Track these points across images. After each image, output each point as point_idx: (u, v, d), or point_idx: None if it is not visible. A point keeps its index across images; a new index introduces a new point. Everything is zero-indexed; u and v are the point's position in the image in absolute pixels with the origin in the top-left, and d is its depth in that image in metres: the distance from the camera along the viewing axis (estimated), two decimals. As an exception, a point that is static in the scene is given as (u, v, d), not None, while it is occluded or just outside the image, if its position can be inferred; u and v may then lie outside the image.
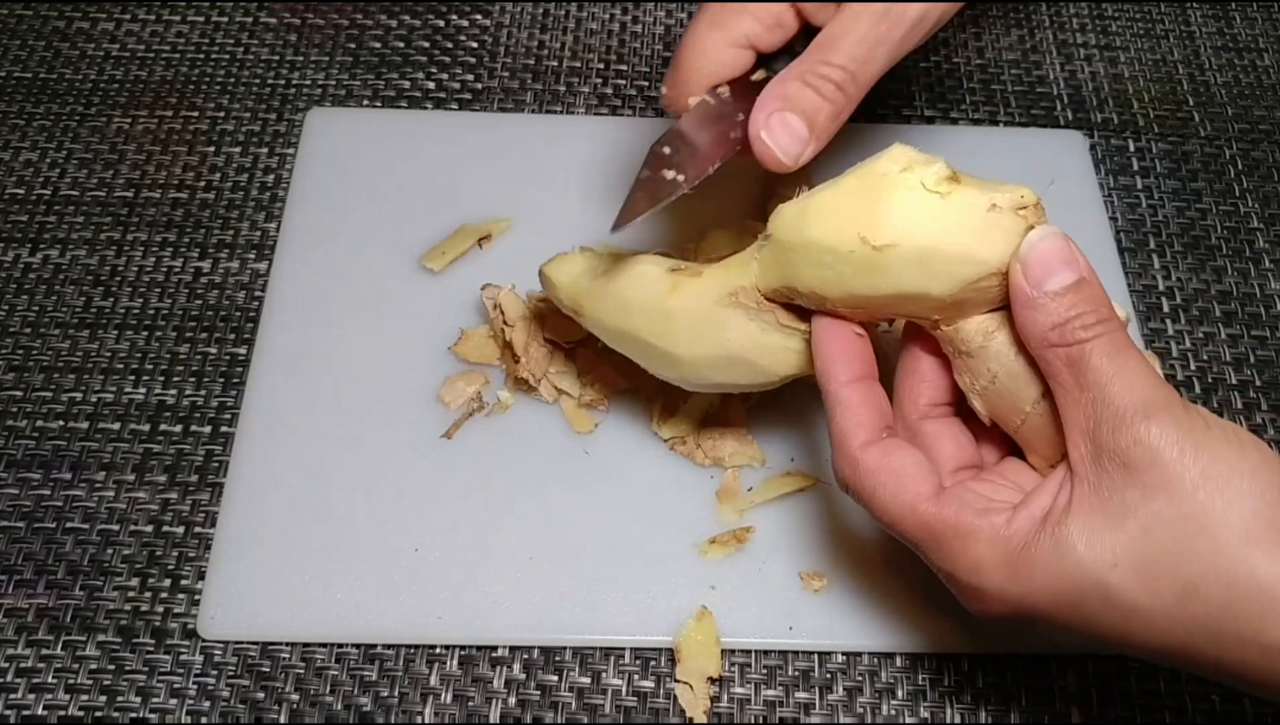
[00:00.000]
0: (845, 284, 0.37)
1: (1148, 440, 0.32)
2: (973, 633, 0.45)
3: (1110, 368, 0.33)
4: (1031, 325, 0.35)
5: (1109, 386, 0.33)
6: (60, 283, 0.54)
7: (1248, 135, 0.62)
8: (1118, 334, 0.34)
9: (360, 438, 0.49)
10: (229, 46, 0.63)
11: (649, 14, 0.66)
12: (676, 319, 0.41)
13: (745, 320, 0.41)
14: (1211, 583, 0.31)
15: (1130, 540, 0.32)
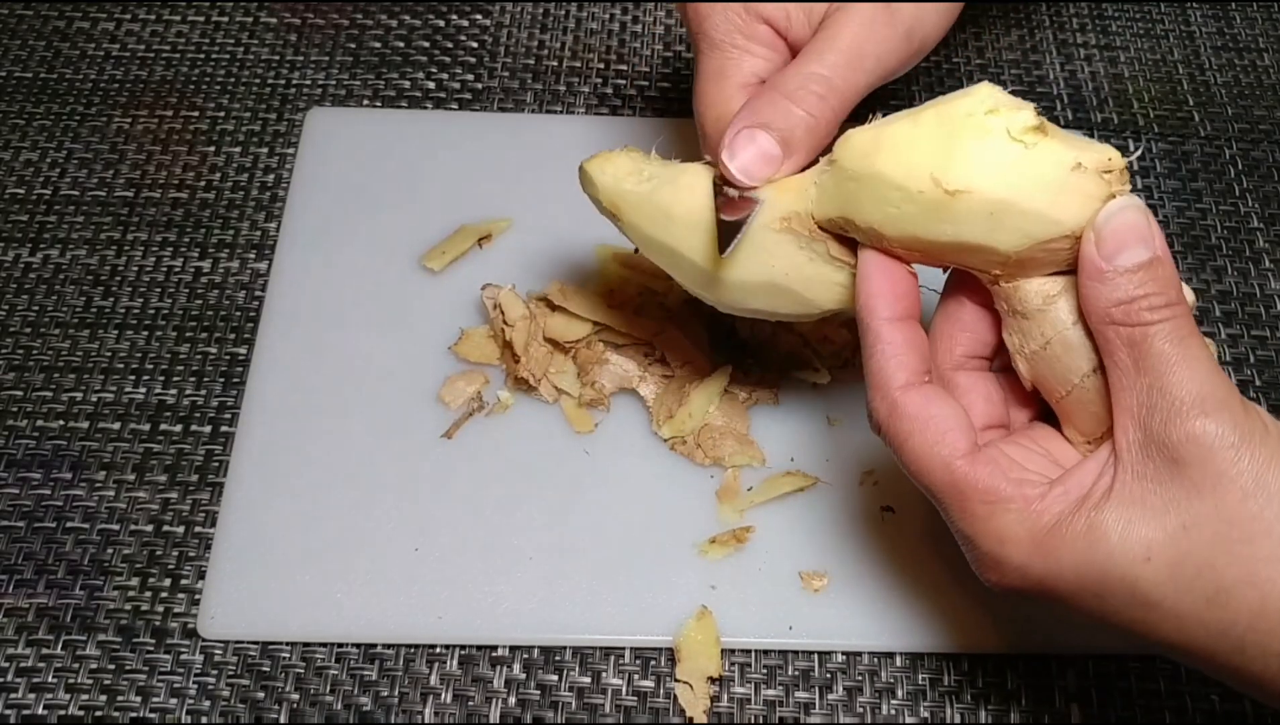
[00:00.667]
0: (908, 225, 0.36)
1: (1202, 437, 0.31)
2: (973, 632, 0.45)
3: (1172, 355, 0.32)
4: (1096, 298, 0.33)
5: (1169, 374, 0.32)
6: (60, 282, 0.54)
7: (1248, 135, 0.62)
8: (1184, 320, 0.33)
9: (360, 437, 0.49)
10: (229, 46, 0.63)
11: (649, 14, 0.66)
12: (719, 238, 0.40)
13: (795, 248, 0.39)
14: (1246, 591, 0.31)
15: (1167, 537, 0.31)
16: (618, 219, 0.42)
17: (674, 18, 0.66)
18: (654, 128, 0.60)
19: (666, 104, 0.62)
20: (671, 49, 0.64)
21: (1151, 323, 0.33)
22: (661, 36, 0.65)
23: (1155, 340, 0.32)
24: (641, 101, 0.62)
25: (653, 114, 0.61)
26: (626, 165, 0.42)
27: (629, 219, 0.42)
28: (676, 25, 0.66)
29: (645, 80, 0.63)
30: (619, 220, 0.42)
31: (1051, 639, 0.45)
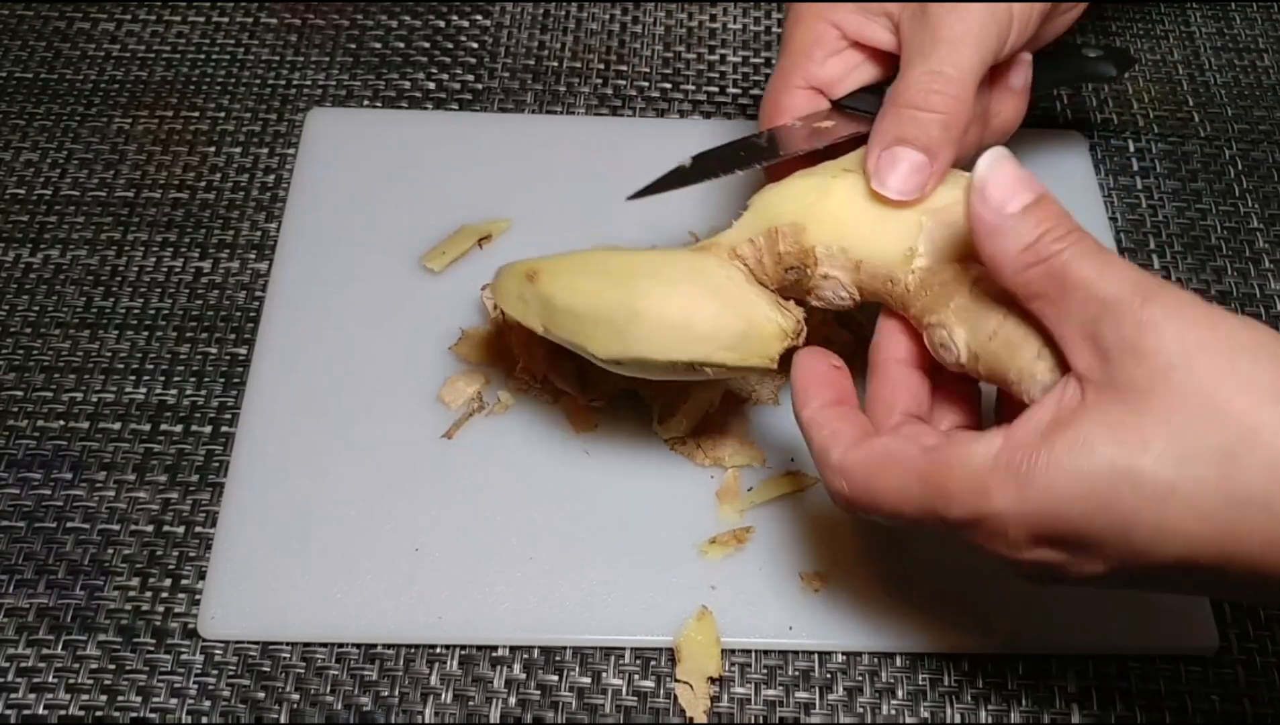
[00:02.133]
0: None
1: (1154, 320, 0.31)
2: (974, 633, 0.45)
3: (1092, 266, 0.32)
4: (1002, 252, 0.33)
5: (1099, 283, 0.32)
6: (61, 283, 0.54)
7: (1248, 136, 0.62)
8: (1088, 239, 0.33)
9: (360, 438, 0.49)
10: (229, 47, 0.63)
11: (649, 14, 0.66)
12: (644, 265, 0.42)
13: (719, 267, 0.42)
14: (1252, 447, 0.30)
15: (1157, 418, 0.30)
16: (536, 276, 0.43)
17: (674, 18, 0.66)
18: (654, 128, 0.60)
19: (667, 104, 0.62)
20: (671, 49, 0.64)
21: (1063, 250, 0.33)
22: (661, 37, 0.65)
23: (1072, 263, 0.32)
24: (642, 102, 0.62)
25: (653, 114, 0.61)
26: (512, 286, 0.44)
27: (545, 270, 0.43)
28: (676, 26, 0.66)
29: (645, 80, 0.63)
30: (537, 278, 0.43)
31: (1051, 639, 0.45)
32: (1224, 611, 0.47)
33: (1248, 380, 0.30)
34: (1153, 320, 0.31)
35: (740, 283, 0.41)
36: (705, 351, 0.40)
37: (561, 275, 0.42)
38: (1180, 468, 0.30)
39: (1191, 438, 0.30)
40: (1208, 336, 0.31)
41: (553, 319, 0.42)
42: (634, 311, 0.40)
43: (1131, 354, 0.31)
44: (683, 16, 0.66)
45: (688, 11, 0.66)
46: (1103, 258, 0.33)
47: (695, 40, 0.65)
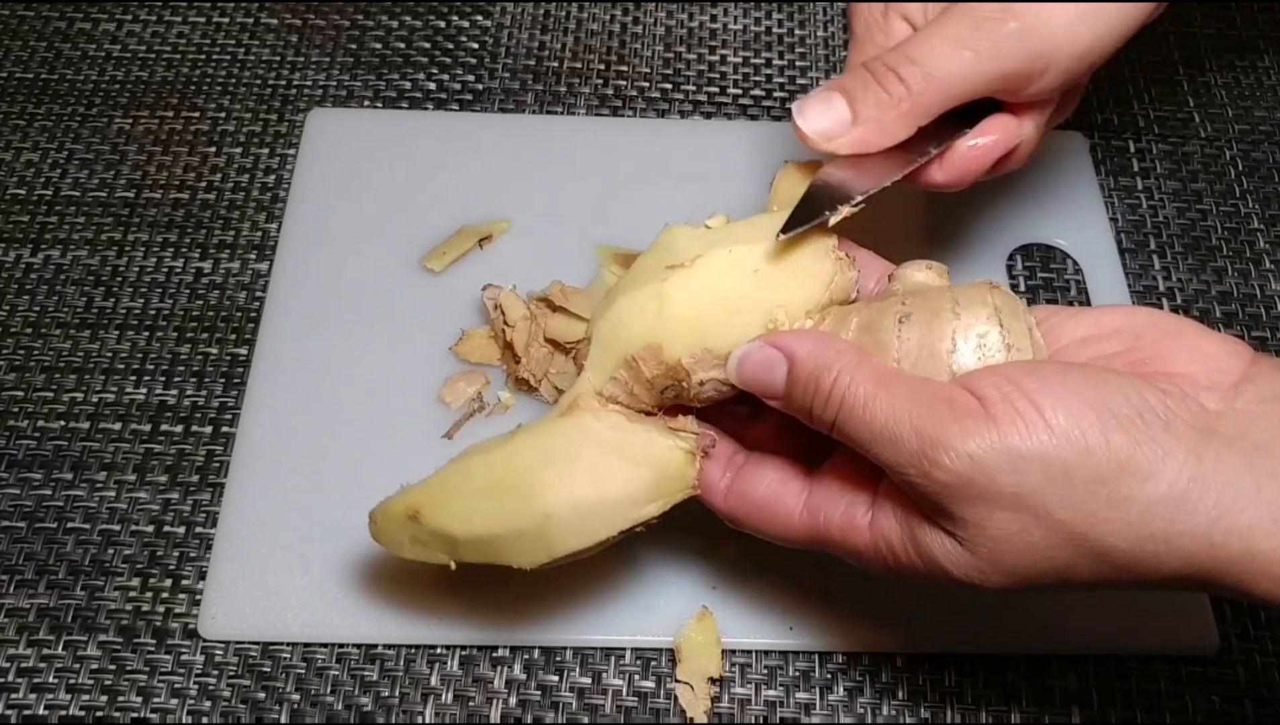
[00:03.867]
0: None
1: (956, 467, 0.31)
2: (974, 633, 0.45)
3: (867, 441, 0.33)
4: (797, 413, 0.36)
5: (875, 447, 0.33)
6: (62, 283, 0.54)
7: (1248, 136, 0.62)
8: (848, 395, 0.34)
9: (361, 438, 0.49)
10: (230, 47, 0.63)
11: (650, 15, 0.66)
12: (528, 448, 0.40)
13: (595, 422, 0.40)
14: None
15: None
16: (418, 516, 0.40)
17: (675, 19, 0.66)
18: (655, 129, 0.60)
19: (667, 105, 0.62)
20: (672, 49, 0.64)
21: (833, 420, 0.34)
22: (662, 37, 0.65)
23: (845, 427, 0.34)
24: (642, 102, 0.62)
25: (654, 115, 0.61)
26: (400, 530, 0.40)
27: (427, 503, 0.40)
28: (677, 26, 0.66)
29: (646, 81, 0.63)
30: (424, 521, 0.40)
31: (1051, 639, 0.45)
32: (1224, 611, 0.47)
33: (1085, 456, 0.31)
34: (941, 492, 0.32)
35: (626, 427, 0.39)
36: (631, 515, 0.38)
37: (448, 504, 0.39)
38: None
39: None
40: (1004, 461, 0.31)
41: (460, 551, 0.39)
42: (544, 513, 0.38)
43: (942, 513, 0.33)
44: (683, 17, 0.66)
45: (688, 12, 0.66)
46: (874, 415, 0.33)
47: (696, 41, 0.65)
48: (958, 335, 0.35)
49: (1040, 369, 0.33)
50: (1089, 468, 0.31)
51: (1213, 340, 0.34)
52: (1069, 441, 0.31)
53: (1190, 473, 0.31)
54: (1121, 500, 0.31)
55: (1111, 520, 0.31)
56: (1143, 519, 0.31)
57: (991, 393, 0.32)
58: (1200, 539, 0.31)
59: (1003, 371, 0.33)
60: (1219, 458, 0.31)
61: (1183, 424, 0.31)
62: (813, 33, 0.65)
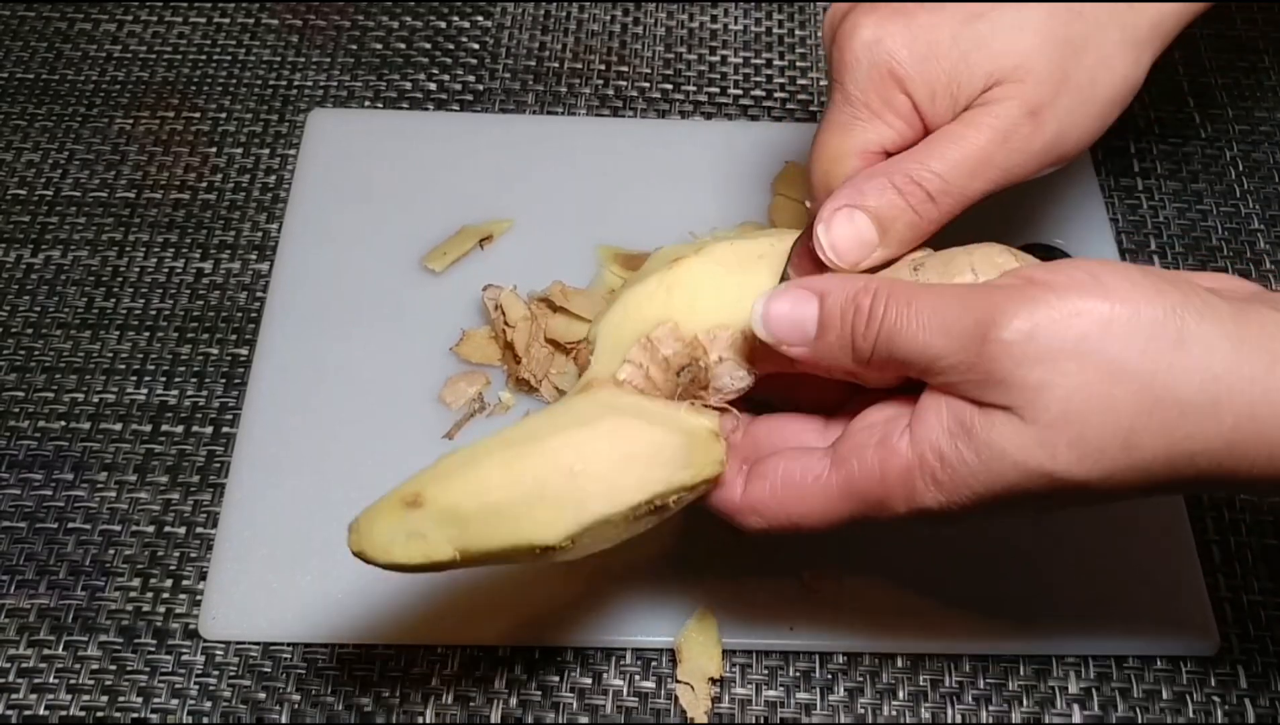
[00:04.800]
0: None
1: (1000, 360, 0.31)
2: (975, 634, 0.45)
3: (916, 335, 0.33)
4: (836, 359, 0.35)
5: (928, 350, 0.33)
6: (62, 283, 0.55)
7: (1248, 136, 0.62)
8: (896, 297, 0.33)
9: (361, 438, 0.49)
10: (231, 48, 0.63)
11: (650, 15, 0.66)
12: (542, 428, 0.38)
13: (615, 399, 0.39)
14: (1146, 424, 0.31)
15: (1049, 422, 0.32)
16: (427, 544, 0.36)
17: (675, 19, 0.66)
18: (655, 129, 0.60)
19: (668, 105, 0.62)
20: (672, 50, 0.64)
21: (874, 342, 0.34)
22: (662, 38, 0.65)
23: (894, 342, 0.33)
24: (643, 103, 0.62)
25: (654, 115, 0.61)
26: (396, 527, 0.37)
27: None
28: (678, 27, 0.66)
29: (646, 81, 0.63)
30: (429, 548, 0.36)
31: (1051, 639, 0.45)
32: (1224, 612, 0.47)
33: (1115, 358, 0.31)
34: (999, 361, 0.32)
35: (647, 402, 0.37)
36: (661, 477, 0.35)
37: (455, 481, 0.35)
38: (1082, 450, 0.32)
39: (1090, 429, 0.32)
40: (1059, 347, 0.31)
41: (469, 531, 0.34)
42: (570, 470, 0.34)
43: (1000, 387, 0.32)
44: (684, 18, 0.66)
45: (689, 13, 0.66)
46: (920, 312, 0.33)
47: (696, 41, 0.65)
48: (976, 266, 0.35)
49: (1084, 268, 0.33)
50: (1150, 316, 0.31)
51: (1220, 276, 0.35)
52: (1125, 296, 0.31)
53: (1236, 333, 0.32)
54: (1180, 342, 0.31)
55: (1173, 367, 0.31)
56: (1203, 361, 0.31)
57: (1039, 273, 0.33)
58: (1257, 382, 0.31)
59: (1055, 264, 0.33)
60: (1263, 321, 0.32)
61: (1219, 302, 0.32)
62: (813, 33, 0.65)
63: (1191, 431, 0.31)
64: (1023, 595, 0.46)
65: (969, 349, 0.32)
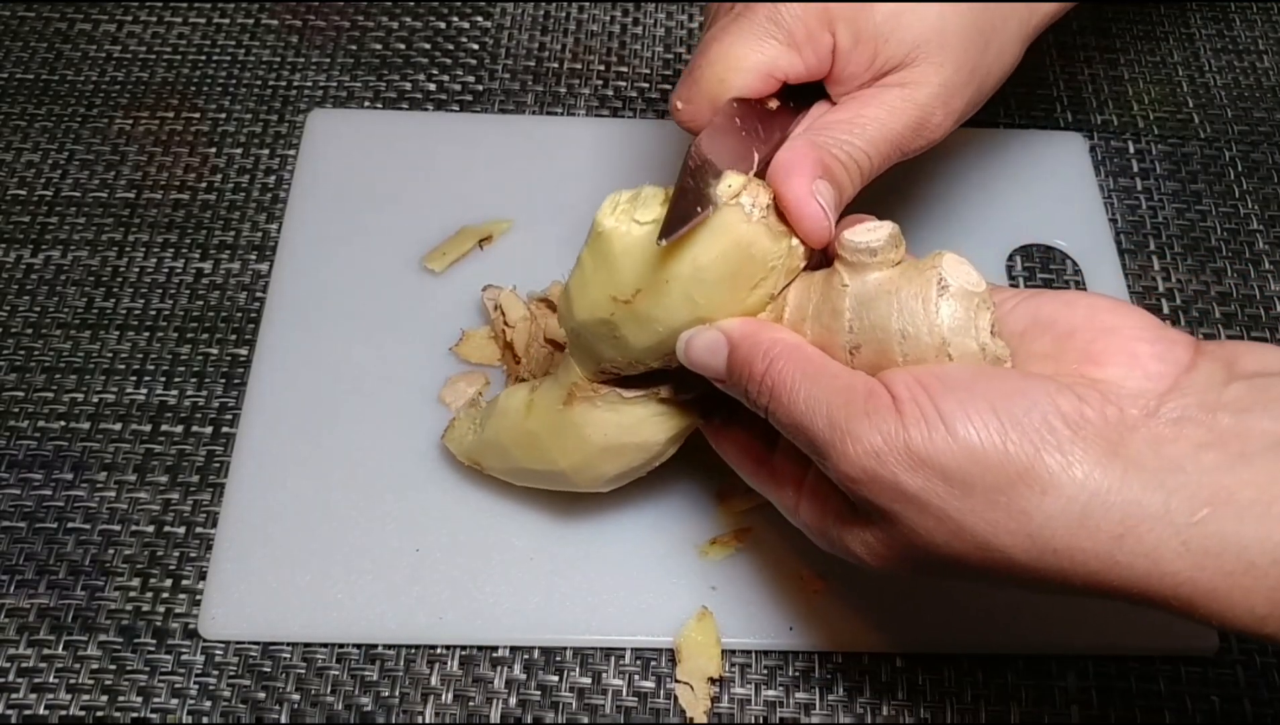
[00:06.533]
0: (633, 343, 0.37)
1: (860, 459, 0.32)
2: (974, 633, 0.45)
3: (797, 403, 0.33)
4: (743, 402, 0.36)
5: (810, 425, 0.33)
6: (62, 283, 0.55)
7: (1247, 137, 0.62)
8: (778, 379, 0.34)
9: (361, 438, 0.49)
10: (230, 48, 0.63)
11: (649, 15, 0.66)
12: (541, 438, 0.42)
13: (594, 411, 0.41)
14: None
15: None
16: (483, 468, 0.46)
17: (675, 19, 0.66)
18: (655, 129, 0.60)
19: (667, 105, 0.62)
20: (672, 50, 0.64)
21: (766, 404, 0.35)
22: (662, 39, 0.65)
23: (776, 412, 0.34)
24: (642, 103, 0.62)
25: (654, 115, 0.61)
26: (465, 423, 0.47)
27: (488, 465, 0.46)
28: (677, 27, 0.66)
29: (646, 82, 0.63)
30: (484, 469, 0.46)
31: (1051, 639, 0.45)
32: (1224, 612, 0.47)
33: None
34: (852, 472, 0.32)
35: (621, 405, 0.41)
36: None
37: (489, 455, 0.46)
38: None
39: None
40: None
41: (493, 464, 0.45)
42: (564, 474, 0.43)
43: (855, 496, 0.33)
44: (683, 18, 0.66)
45: (688, 13, 0.66)
46: (804, 385, 0.34)
47: (695, 42, 0.65)
48: (902, 318, 0.34)
49: (953, 372, 0.32)
50: (988, 475, 0.30)
51: (1147, 342, 0.32)
52: (967, 447, 0.30)
53: (1094, 488, 0.29)
54: (1020, 512, 0.30)
55: (1013, 532, 0.30)
56: (1043, 533, 0.30)
57: (902, 391, 0.32)
58: (1104, 558, 0.30)
59: (917, 372, 0.32)
60: (1126, 473, 0.29)
61: (1093, 435, 0.30)
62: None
63: (1038, 586, 0.32)
64: (1022, 595, 0.46)
65: (828, 455, 0.33)
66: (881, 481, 0.31)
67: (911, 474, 0.31)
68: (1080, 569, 0.30)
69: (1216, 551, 0.29)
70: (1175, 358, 0.32)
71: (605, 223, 0.36)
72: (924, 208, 0.56)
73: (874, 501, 0.32)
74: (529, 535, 0.47)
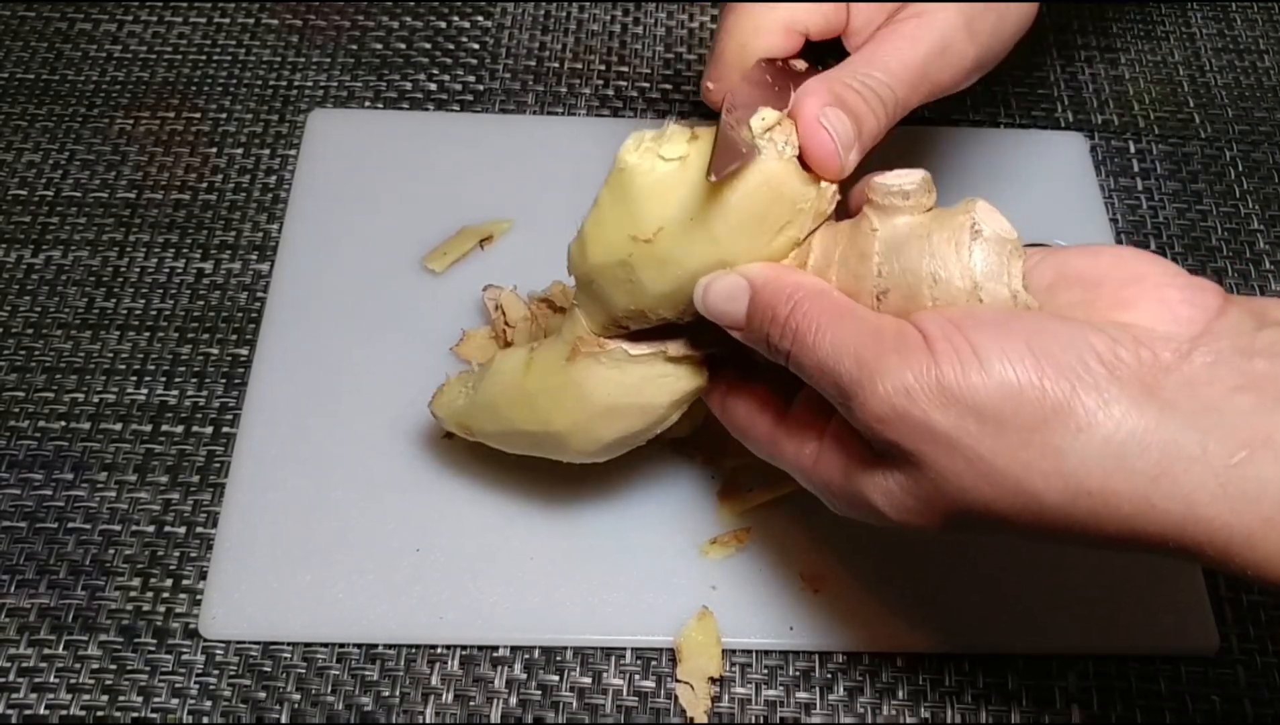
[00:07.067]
0: (650, 289, 0.36)
1: (890, 396, 0.31)
2: (974, 633, 0.45)
3: (822, 351, 0.33)
4: (762, 350, 0.35)
5: (835, 370, 0.32)
6: (63, 283, 0.55)
7: (1248, 137, 0.62)
8: (801, 322, 0.33)
9: (361, 438, 0.49)
10: (231, 48, 0.63)
11: (650, 15, 0.66)
12: (538, 397, 0.41)
13: (597, 367, 0.39)
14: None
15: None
16: (474, 435, 0.44)
17: (675, 19, 0.66)
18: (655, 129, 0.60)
19: (668, 105, 0.62)
20: (673, 50, 0.64)
21: (789, 349, 0.34)
22: (663, 38, 0.65)
23: (801, 358, 0.34)
24: (643, 103, 0.62)
25: (654, 115, 0.61)
26: (456, 387, 0.45)
27: (479, 429, 0.44)
28: (678, 27, 0.66)
29: (647, 81, 0.63)
30: (475, 435, 0.44)
31: (1051, 639, 0.45)
32: (1224, 612, 0.47)
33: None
34: (878, 414, 0.32)
35: (629, 364, 0.40)
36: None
37: (481, 418, 0.43)
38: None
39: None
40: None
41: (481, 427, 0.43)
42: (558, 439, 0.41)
43: (878, 440, 0.33)
44: (684, 18, 0.66)
45: (688, 13, 0.66)
46: (830, 326, 0.33)
47: (696, 42, 0.65)
48: (936, 260, 0.34)
49: (986, 312, 0.32)
50: (1022, 413, 0.30)
51: (1176, 289, 0.32)
52: (1001, 384, 0.30)
53: (1130, 427, 0.29)
54: (1054, 451, 0.29)
55: (1046, 473, 0.30)
56: (1077, 473, 0.29)
57: (934, 329, 0.31)
58: (1139, 500, 0.29)
59: (949, 312, 0.32)
60: (1162, 414, 0.29)
61: (1128, 375, 0.29)
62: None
63: (1068, 533, 0.31)
64: (1022, 595, 0.46)
65: (855, 396, 0.32)
66: (911, 420, 0.31)
67: (943, 412, 0.30)
68: (1114, 513, 0.30)
69: (1255, 495, 0.28)
70: (1205, 303, 0.31)
71: (628, 159, 0.35)
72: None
73: (902, 444, 0.31)
74: (529, 535, 0.47)
